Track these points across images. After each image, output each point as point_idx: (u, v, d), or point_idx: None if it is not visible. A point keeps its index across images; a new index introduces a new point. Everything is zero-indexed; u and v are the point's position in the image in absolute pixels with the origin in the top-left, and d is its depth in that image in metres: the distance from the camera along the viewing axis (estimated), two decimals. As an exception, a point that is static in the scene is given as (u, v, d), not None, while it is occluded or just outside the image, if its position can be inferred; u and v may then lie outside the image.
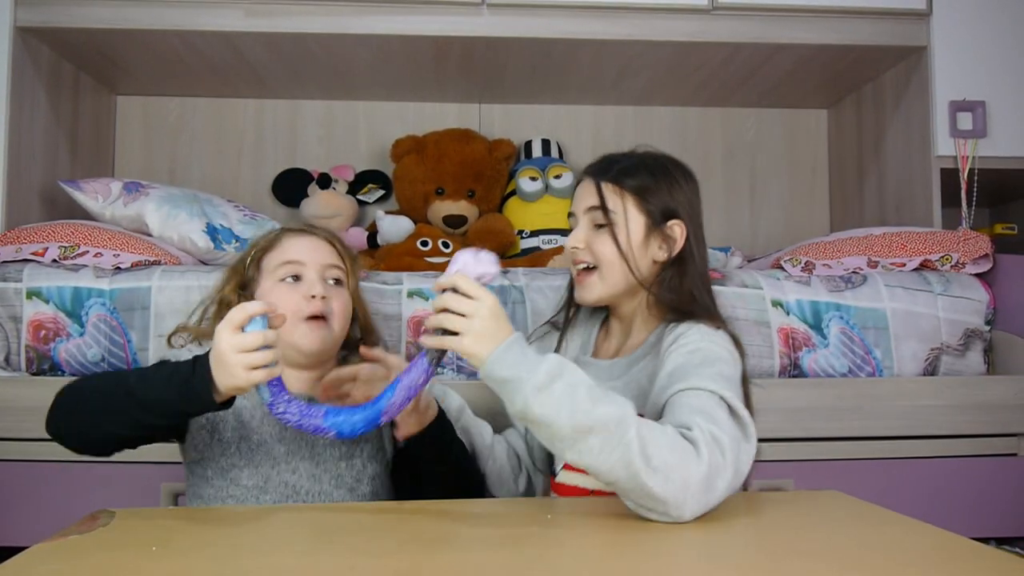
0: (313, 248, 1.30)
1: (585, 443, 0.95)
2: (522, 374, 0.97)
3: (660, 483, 0.93)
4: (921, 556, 0.86)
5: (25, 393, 1.63)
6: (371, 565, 0.83)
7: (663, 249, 1.25)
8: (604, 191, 1.25)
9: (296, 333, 1.24)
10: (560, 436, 0.96)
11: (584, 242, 1.26)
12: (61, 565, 0.82)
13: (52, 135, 2.25)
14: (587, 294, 1.27)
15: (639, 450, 0.93)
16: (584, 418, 0.95)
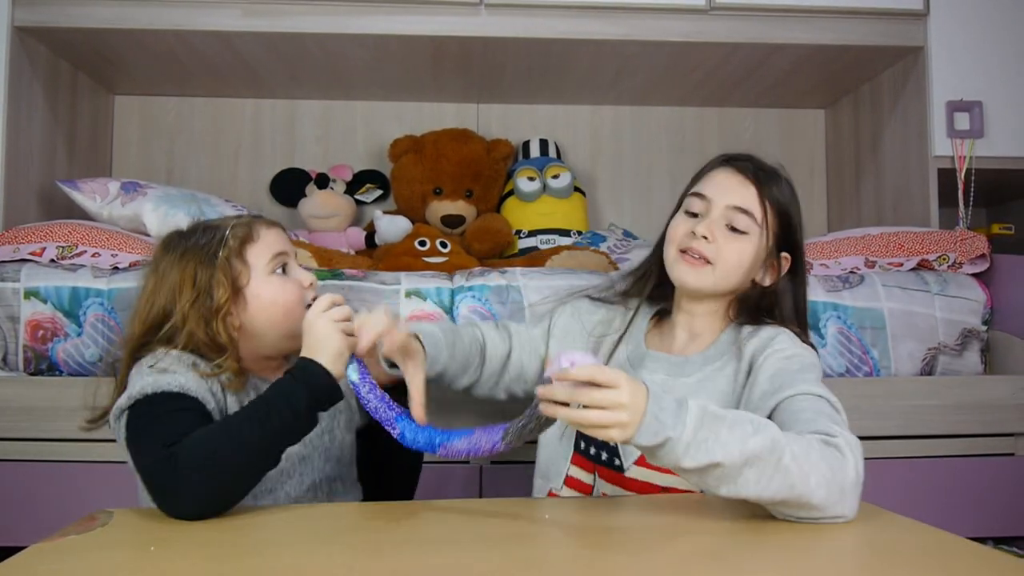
0: (284, 239, 1.31)
1: (743, 478, 0.93)
2: (669, 434, 0.92)
3: (822, 496, 0.94)
4: (918, 556, 0.86)
5: (23, 393, 1.63)
6: (369, 565, 0.83)
7: (768, 276, 1.28)
8: (755, 198, 1.25)
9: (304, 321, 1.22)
10: (717, 475, 0.93)
11: (714, 236, 1.24)
12: (59, 565, 0.82)
13: (50, 135, 2.25)
14: (695, 281, 1.25)
15: (797, 471, 0.93)
16: (738, 456, 0.92)
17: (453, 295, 1.78)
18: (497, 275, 1.82)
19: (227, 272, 1.22)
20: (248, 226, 1.27)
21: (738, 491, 0.94)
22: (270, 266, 1.25)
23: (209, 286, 1.21)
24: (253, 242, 1.26)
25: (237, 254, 1.24)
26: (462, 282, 1.80)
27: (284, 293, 1.24)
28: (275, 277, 1.25)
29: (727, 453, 0.92)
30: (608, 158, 2.75)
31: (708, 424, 0.93)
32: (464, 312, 1.76)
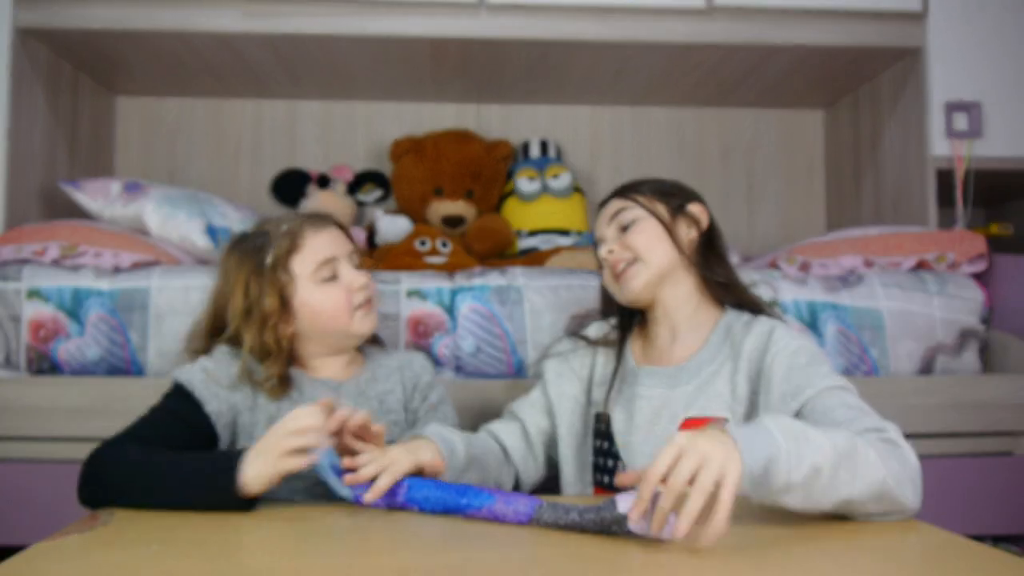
0: (336, 240, 1.30)
1: (839, 479, 0.92)
2: (772, 451, 0.89)
3: (902, 492, 0.96)
4: (917, 555, 0.86)
5: (25, 393, 1.64)
6: (368, 565, 0.84)
7: (692, 228, 1.32)
8: (619, 203, 1.33)
9: (354, 324, 1.28)
10: (821, 485, 0.91)
11: (617, 245, 1.31)
12: (61, 564, 0.82)
13: (51, 136, 2.26)
14: (634, 283, 1.28)
15: (882, 465, 0.95)
16: (832, 454, 0.91)
17: (453, 295, 1.78)
18: (497, 275, 1.82)
19: (275, 283, 1.24)
20: (292, 235, 1.27)
21: (839, 495, 0.92)
22: (317, 276, 1.26)
23: (260, 295, 1.24)
24: (298, 251, 1.26)
25: (283, 264, 1.25)
26: (462, 282, 1.80)
27: (328, 301, 1.26)
28: (324, 286, 1.26)
29: (822, 454, 0.90)
30: (608, 158, 2.76)
31: (791, 430, 0.92)
32: (465, 312, 1.76)
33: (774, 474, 0.89)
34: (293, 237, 1.27)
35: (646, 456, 1.23)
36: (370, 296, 1.31)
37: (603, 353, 1.39)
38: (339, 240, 1.31)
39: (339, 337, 1.30)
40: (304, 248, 1.27)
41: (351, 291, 1.27)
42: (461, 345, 1.76)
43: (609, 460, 1.29)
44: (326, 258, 1.27)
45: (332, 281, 1.27)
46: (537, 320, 1.76)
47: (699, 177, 2.74)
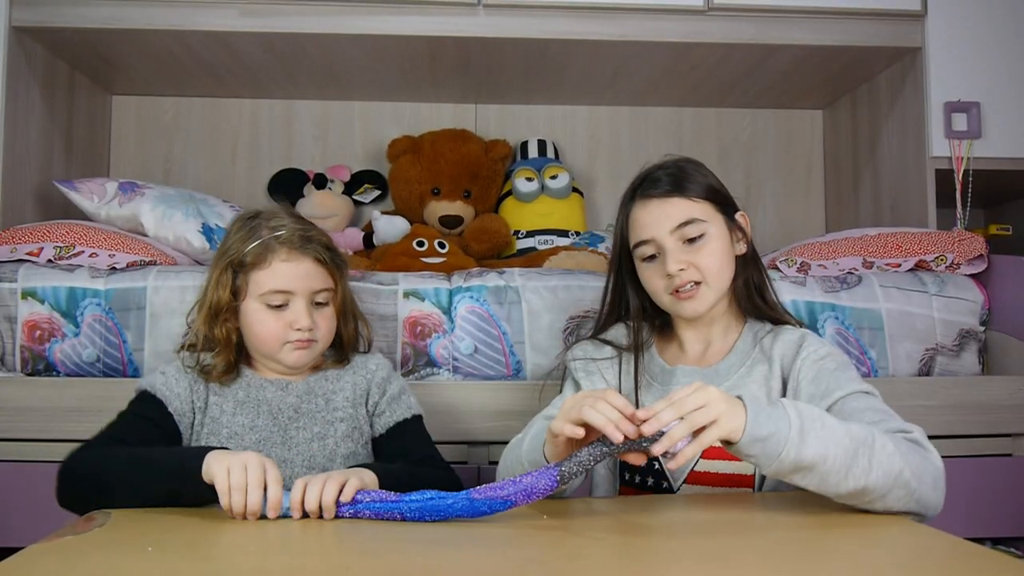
0: (304, 275, 1.30)
1: (857, 467, 0.95)
2: (780, 426, 0.94)
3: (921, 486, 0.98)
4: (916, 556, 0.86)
5: (20, 393, 1.63)
6: (367, 565, 0.83)
7: (741, 242, 1.31)
8: (684, 205, 1.26)
9: (280, 353, 1.31)
10: (835, 469, 0.95)
11: (686, 262, 1.25)
12: (57, 566, 0.82)
13: (47, 135, 2.25)
14: (700, 306, 1.26)
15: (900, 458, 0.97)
16: (848, 442, 0.95)
17: (451, 295, 1.78)
18: (495, 275, 1.82)
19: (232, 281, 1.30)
20: (262, 251, 1.29)
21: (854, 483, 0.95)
22: (265, 298, 1.29)
23: (217, 285, 1.30)
24: (260, 268, 1.29)
25: (244, 271, 1.29)
26: (460, 282, 1.80)
27: (263, 326, 1.29)
28: (264, 308, 1.29)
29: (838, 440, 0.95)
30: (606, 158, 2.75)
31: (810, 414, 0.96)
32: (462, 313, 1.76)
33: (772, 448, 0.93)
34: (262, 252, 1.29)
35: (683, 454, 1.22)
36: (311, 339, 1.30)
37: (627, 360, 1.35)
38: (308, 276, 1.31)
39: (266, 359, 1.33)
40: (267, 269, 1.29)
41: (290, 328, 1.29)
42: (459, 346, 1.75)
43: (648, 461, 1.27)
44: (280, 289, 1.29)
45: (278, 309, 1.29)
46: (535, 321, 1.76)
47: (697, 177, 2.74)
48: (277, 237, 1.30)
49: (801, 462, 0.94)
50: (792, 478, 0.96)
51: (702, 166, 1.33)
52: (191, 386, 1.30)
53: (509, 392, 1.68)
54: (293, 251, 1.29)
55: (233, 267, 1.30)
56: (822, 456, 0.94)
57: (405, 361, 1.74)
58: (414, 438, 1.36)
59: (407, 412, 1.37)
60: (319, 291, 1.32)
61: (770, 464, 0.95)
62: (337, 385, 1.36)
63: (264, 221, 1.32)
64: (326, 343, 1.35)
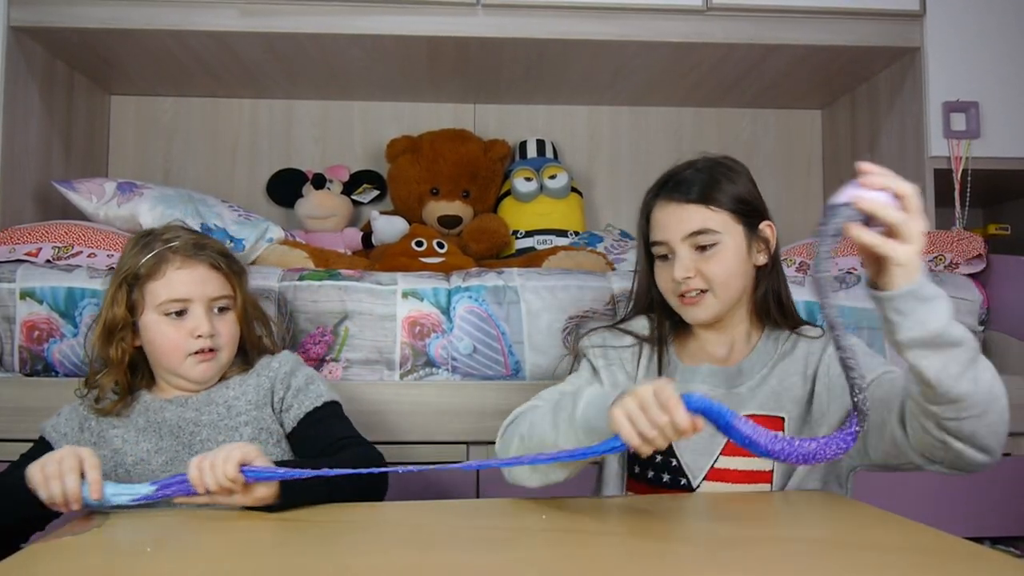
0: (198, 280, 1.30)
1: (976, 368, 0.95)
2: (941, 296, 0.92)
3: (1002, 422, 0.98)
4: (916, 556, 0.86)
5: (19, 394, 1.63)
6: (365, 565, 0.83)
7: (762, 252, 1.28)
8: (700, 214, 1.25)
9: (183, 367, 1.29)
10: (963, 359, 0.94)
11: (693, 270, 1.24)
12: (55, 566, 0.82)
13: (46, 135, 2.25)
14: (703, 314, 1.26)
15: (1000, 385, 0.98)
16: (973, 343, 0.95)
17: (450, 295, 1.78)
18: (494, 275, 1.82)
19: (128, 297, 1.29)
20: (156, 262, 1.29)
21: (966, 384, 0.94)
22: (162, 308, 1.28)
23: (112, 302, 1.29)
24: (155, 279, 1.28)
25: (139, 284, 1.29)
26: (459, 283, 1.80)
27: (164, 337, 1.28)
28: (165, 320, 1.28)
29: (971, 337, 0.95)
30: (605, 158, 2.75)
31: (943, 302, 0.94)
32: (461, 313, 1.76)
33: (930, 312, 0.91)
34: (155, 263, 1.29)
35: (697, 453, 1.22)
36: (213, 348, 1.29)
37: (646, 352, 1.34)
38: (203, 282, 1.30)
39: (171, 376, 1.31)
40: (161, 279, 1.28)
41: (190, 336, 1.28)
42: (457, 346, 1.75)
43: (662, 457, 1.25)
44: (177, 297, 1.28)
45: (177, 318, 1.28)
46: (534, 321, 1.76)
47: (696, 177, 2.74)
48: (170, 247, 1.30)
49: (945, 336, 0.92)
50: (919, 353, 0.94)
51: (735, 172, 1.31)
52: (80, 424, 1.30)
53: (508, 392, 1.68)
54: (187, 259, 1.30)
55: (128, 282, 1.29)
56: (963, 339, 0.93)
57: (404, 361, 1.74)
58: (328, 424, 1.30)
59: (316, 400, 1.31)
60: (217, 298, 1.31)
61: (911, 328, 0.92)
62: (239, 390, 1.33)
63: (158, 235, 1.33)
64: (230, 352, 1.33)
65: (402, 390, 1.69)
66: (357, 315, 1.74)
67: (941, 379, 0.94)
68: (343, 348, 1.73)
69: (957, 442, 0.98)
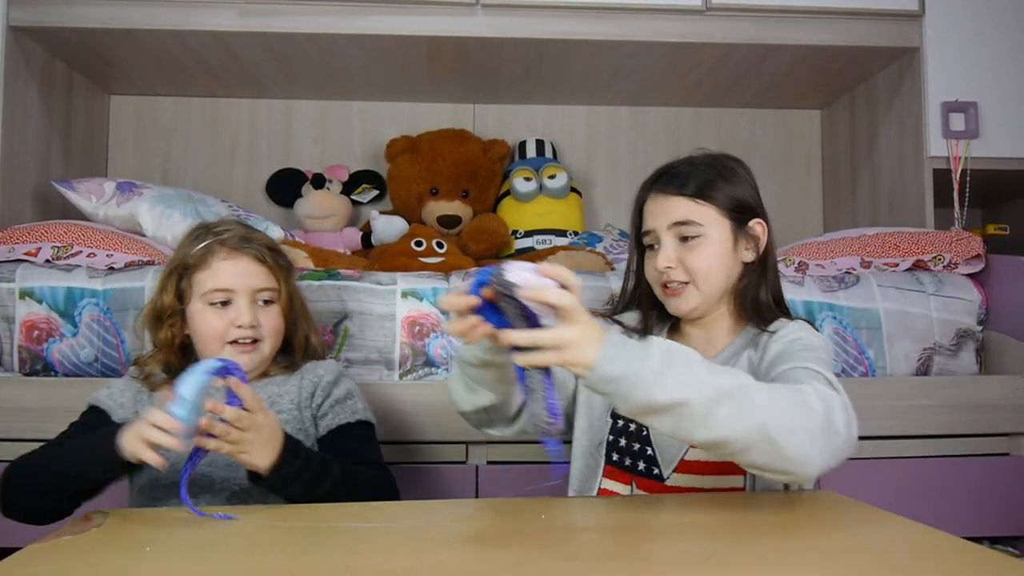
0: (243, 272, 1.32)
1: (715, 416, 0.93)
2: (635, 366, 0.91)
3: (791, 442, 0.95)
4: (914, 556, 0.86)
5: (18, 394, 1.63)
6: (364, 565, 0.83)
7: (749, 250, 1.29)
8: (685, 206, 1.26)
9: (223, 354, 1.30)
10: (690, 415, 0.92)
11: (675, 261, 1.26)
12: (55, 566, 0.82)
13: (45, 135, 2.25)
14: (683, 305, 1.27)
15: (770, 411, 0.94)
16: (710, 391, 0.93)
17: (449, 295, 1.77)
18: (493, 275, 1.81)
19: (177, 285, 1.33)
20: (204, 253, 1.32)
21: (711, 433, 0.93)
22: (207, 298, 1.31)
23: (163, 289, 1.34)
24: (203, 269, 1.32)
25: (188, 274, 1.33)
26: (458, 282, 1.80)
27: (206, 325, 1.31)
28: (210, 309, 1.31)
29: (699, 385, 0.92)
30: (604, 158, 2.75)
31: (679, 357, 0.94)
32: (460, 312, 1.75)
33: (624, 390, 0.91)
34: (204, 254, 1.32)
35: (667, 442, 1.23)
36: (255, 338, 1.32)
37: None
38: (248, 274, 1.33)
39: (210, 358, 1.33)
40: (207, 269, 1.32)
41: (232, 326, 1.30)
42: (457, 346, 1.75)
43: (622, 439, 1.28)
44: (221, 288, 1.31)
45: (220, 307, 1.31)
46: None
47: (695, 177, 2.74)
48: (219, 239, 1.33)
49: (653, 404, 0.91)
50: (647, 419, 0.94)
51: (731, 169, 1.31)
52: (135, 396, 1.33)
53: (507, 392, 1.67)
54: (233, 250, 1.33)
55: (178, 272, 1.33)
56: (678, 401, 0.91)
57: (403, 361, 1.74)
58: (356, 442, 1.33)
59: (351, 416, 1.35)
60: (261, 290, 1.33)
61: (623, 405, 0.93)
62: (283, 388, 1.35)
63: (210, 228, 1.36)
64: (273, 344, 1.35)
65: (401, 390, 1.69)
66: (356, 315, 1.74)
67: (677, 434, 0.95)
68: (342, 348, 1.73)
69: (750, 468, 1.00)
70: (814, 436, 0.96)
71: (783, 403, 0.97)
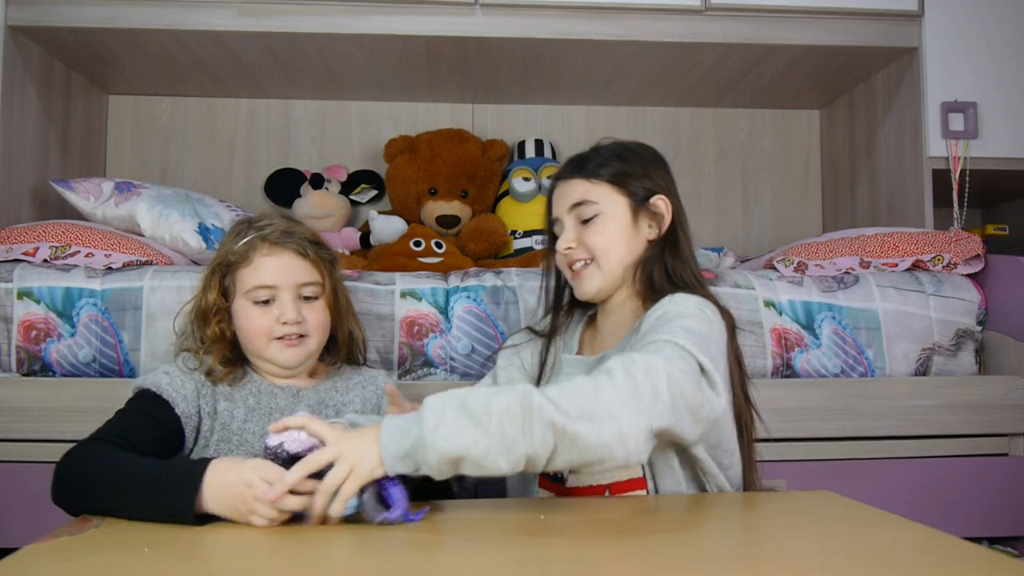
0: (286, 268, 1.31)
1: (510, 440, 0.92)
2: (414, 432, 0.94)
3: (587, 427, 0.93)
4: (913, 556, 0.86)
5: (16, 394, 1.62)
6: (365, 565, 0.83)
7: (653, 227, 1.29)
8: (582, 187, 1.29)
9: (269, 351, 1.31)
10: (486, 452, 0.92)
11: (575, 241, 1.29)
12: (53, 566, 0.81)
13: (43, 134, 2.24)
14: (587, 286, 1.28)
15: (553, 408, 0.93)
16: (491, 420, 0.92)
17: (448, 295, 1.78)
18: (492, 275, 1.82)
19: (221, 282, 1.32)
20: (246, 250, 1.31)
21: (515, 457, 0.92)
22: (250, 295, 1.30)
23: (208, 287, 1.32)
24: (245, 266, 1.31)
25: (231, 271, 1.32)
26: (457, 283, 1.80)
27: (251, 322, 1.30)
28: (254, 307, 1.30)
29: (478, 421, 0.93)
30: (603, 158, 2.75)
31: (449, 403, 0.95)
32: (459, 312, 1.76)
33: (419, 458, 0.94)
34: (245, 251, 1.31)
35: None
36: (301, 334, 1.31)
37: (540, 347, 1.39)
38: (291, 269, 1.31)
39: (260, 360, 1.33)
40: (250, 266, 1.31)
41: (276, 322, 1.29)
42: (455, 346, 1.75)
43: None
44: (265, 284, 1.30)
45: (264, 305, 1.30)
46: (532, 320, 1.75)
47: (695, 177, 2.75)
48: (260, 234, 1.32)
49: (450, 456, 0.92)
50: (463, 472, 0.94)
51: (632, 152, 1.32)
52: (198, 389, 1.28)
53: (506, 392, 1.67)
54: (274, 246, 1.31)
55: (221, 269, 1.33)
56: (463, 445, 0.92)
57: (402, 361, 1.74)
58: None
59: None
60: (305, 284, 1.32)
61: (433, 473, 0.94)
62: (347, 397, 1.37)
63: (253, 223, 1.35)
64: (319, 339, 1.34)
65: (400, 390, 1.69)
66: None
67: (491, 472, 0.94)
68: (341, 348, 1.73)
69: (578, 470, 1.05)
70: (613, 413, 0.94)
71: (570, 394, 0.96)
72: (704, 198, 2.74)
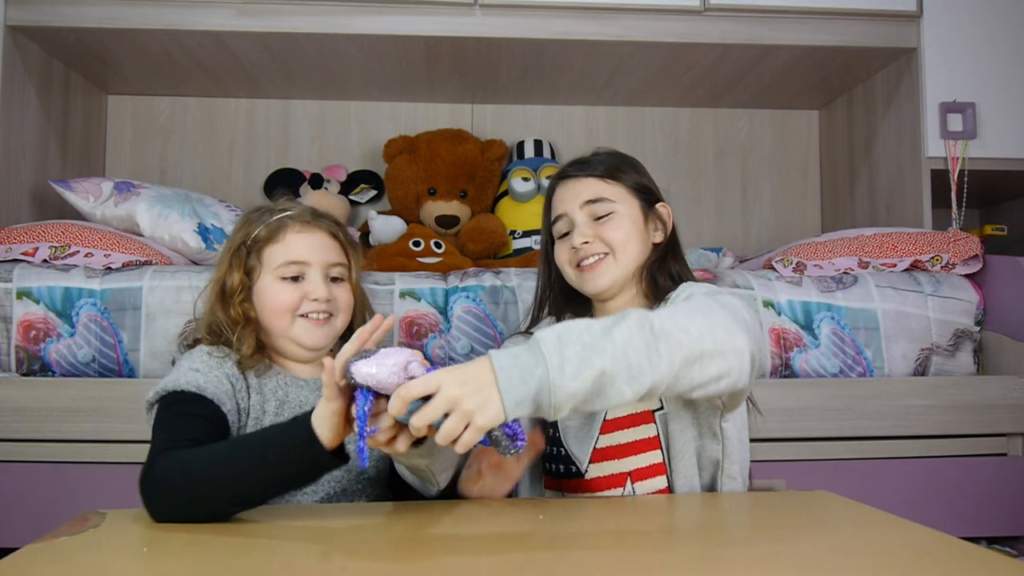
0: (316, 245, 1.30)
1: (635, 368, 0.91)
2: (537, 373, 0.88)
3: (711, 341, 0.96)
4: (911, 556, 0.86)
5: (15, 394, 1.63)
6: (362, 565, 0.83)
7: (658, 231, 1.32)
8: (596, 185, 1.30)
9: (294, 329, 1.27)
10: (612, 380, 0.90)
11: (592, 236, 1.28)
12: (51, 566, 0.81)
13: (43, 135, 2.24)
14: (602, 279, 1.28)
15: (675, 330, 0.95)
16: (616, 349, 0.91)
17: (447, 295, 1.78)
18: (491, 275, 1.82)
19: (245, 263, 1.28)
20: (277, 227, 1.29)
21: (643, 384, 0.92)
22: (279, 271, 1.27)
23: (230, 269, 1.28)
24: (274, 243, 1.28)
25: (257, 250, 1.29)
26: (456, 283, 1.80)
27: (277, 298, 1.26)
28: (279, 281, 1.27)
29: (602, 353, 0.90)
30: (602, 159, 2.75)
31: (567, 337, 0.91)
32: (458, 312, 1.76)
33: (543, 402, 0.89)
34: (276, 228, 1.29)
35: (579, 440, 1.24)
36: (328, 311, 1.28)
37: None
38: (322, 248, 1.30)
39: (283, 340, 1.28)
40: (280, 242, 1.28)
41: (304, 299, 1.27)
42: (455, 346, 1.75)
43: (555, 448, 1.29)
44: (295, 260, 1.28)
45: (292, 282, 1.28)
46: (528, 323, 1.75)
47: (694, 178, 2.75)
48: (290, 215, 1.31)
49: (576, 396, 0.89)
50: (586, 410, 0.93)
51: (633, 163, 1.36)
52: (233, 385, 1.22)
53: (505, 392, 1.67)
54: (306, 224, 1.30)
55: (247, 247, 1.29)
56: (593, 377, 0.89)
57: (401, 361, 1.74)
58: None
59: None
60: (334, 264, 1.31)
61: (554, 414, 0.90)
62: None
63: (272, 207, 1.33)
64: (344, 320, 1.32)
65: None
66: (354, 315, 1.73)
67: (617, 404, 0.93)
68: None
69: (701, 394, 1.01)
70: (728, 328, 0.99)
71: (682, 314, 0.98)
72: (703, 198, 2.74)
